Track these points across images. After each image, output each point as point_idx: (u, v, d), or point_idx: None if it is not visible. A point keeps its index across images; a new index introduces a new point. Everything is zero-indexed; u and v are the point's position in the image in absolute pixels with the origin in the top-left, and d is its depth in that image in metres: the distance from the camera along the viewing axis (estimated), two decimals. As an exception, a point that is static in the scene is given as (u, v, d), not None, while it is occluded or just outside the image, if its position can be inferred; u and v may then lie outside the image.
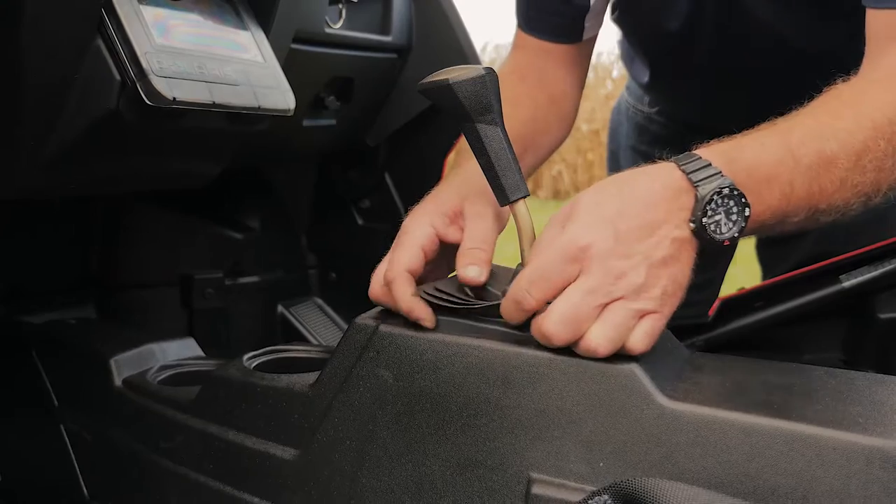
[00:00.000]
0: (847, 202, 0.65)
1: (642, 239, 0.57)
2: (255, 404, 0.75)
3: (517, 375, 0.59)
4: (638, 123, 1.30)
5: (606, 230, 0.57)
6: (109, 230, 1.34)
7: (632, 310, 0.57)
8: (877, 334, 0.95)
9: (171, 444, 0.82)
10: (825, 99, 0.68)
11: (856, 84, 0.69)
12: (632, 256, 0.57)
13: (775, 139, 0.63)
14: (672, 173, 0.60)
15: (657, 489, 0.49)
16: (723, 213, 0.58)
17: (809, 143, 0.63)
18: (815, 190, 0.62)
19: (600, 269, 0.57)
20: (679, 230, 0.58)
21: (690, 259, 0.59)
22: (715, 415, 0.54)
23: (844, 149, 0.63)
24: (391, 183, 1.49)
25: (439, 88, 0.64)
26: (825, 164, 0.62)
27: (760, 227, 0.63)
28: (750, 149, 0.62)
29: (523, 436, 0.59)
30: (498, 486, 0.60)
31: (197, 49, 0.90)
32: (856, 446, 0.50)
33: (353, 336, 0.68)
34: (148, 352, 0.97)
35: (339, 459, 0.68)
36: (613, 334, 0.57)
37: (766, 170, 0.61)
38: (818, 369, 0.65)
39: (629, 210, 0.58)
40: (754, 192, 0.60)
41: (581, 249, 0.57)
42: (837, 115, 0.65)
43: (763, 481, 0.52)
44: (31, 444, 1.05)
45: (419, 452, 0.64)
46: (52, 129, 0.84)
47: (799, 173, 0.62)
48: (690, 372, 0.62)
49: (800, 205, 0.62)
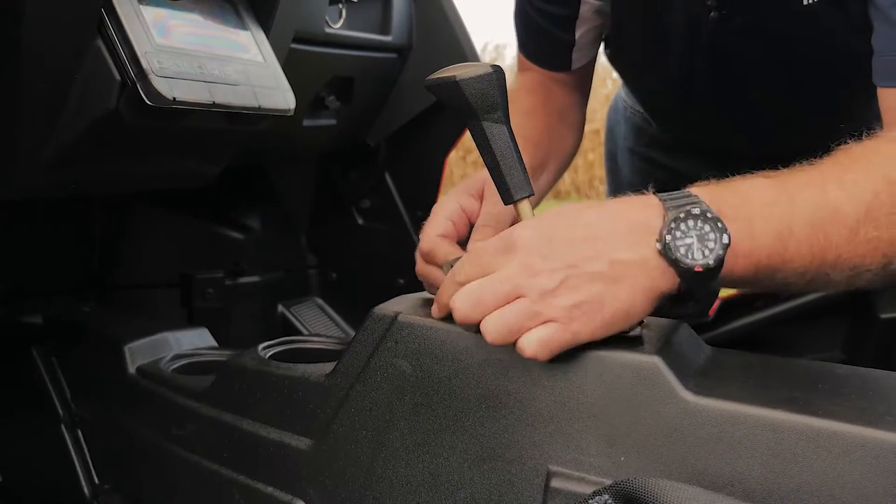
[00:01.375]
0: (862, 258, 0.59)
1: (577, 248, 0.56)
2: (270, 393, 0.74)
3: (537, 368, 0.59)
4: (635, 124, 1.30)
5: (546, 231, 0.57)
6: (110, 230, 1.34)
7: (530, 310, 0.56)
8: (877, 333, 0.95)
9: (184, 433, 0.82)
10: (834, 154, 0.63)
11: (869, 142, 0.65)
12: (554, 259, 0.56)
13: (770, 181, 0.60)
14: (648, 198, 0.58)
15: (657, 489, 0.49)
16: (695, 236, 0.55)
17: (809, 189, 0.59)
18: (818, 237, 0.57)
19: (518, 263, 0.57)
20: (630, 252, 0.55)
21: (641, 286, 0.56)
22: (739, 410, 0.53)
23: (851, 198, 0.58)
24: (391, 183, 1.49)
25: (446, 85, 0.64)
26: (829, 211, 0.58)
27: (758, 270, 0.58)
28: (739, 187, 0.59)
29: (543, 429, 0.59)
30: (516, 479, 0.60)
31: (197, 49, 0.90)
32: (884, 444, 0.49)
33: (371, 325, 0.67)
34: (162, 340, 0.98)
35: (354, 450, 0.67)
36: (502, 327, 0.56)
37: (759, 207, 0.58)
38: (841, 367, 0.64)
39: (582, 220, 0.57)
40: (744, 227, 0.57)
41: (513, 241, 0.58)
42: (845, 168, 0.61)
43: (788, 478, 0.51)
44: (31, 443, 1.05)
45: (436, 444, 0.63)
46: (53, 129, 0.84)
47: (798, 216, 0.57)
48: (713, 367, 0.62)
49: (802, 251, 0.58)
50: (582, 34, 1.00)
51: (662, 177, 1.24)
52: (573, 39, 1.00)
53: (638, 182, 1.28)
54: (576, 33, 1.00)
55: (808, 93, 0.96)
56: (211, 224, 1.40)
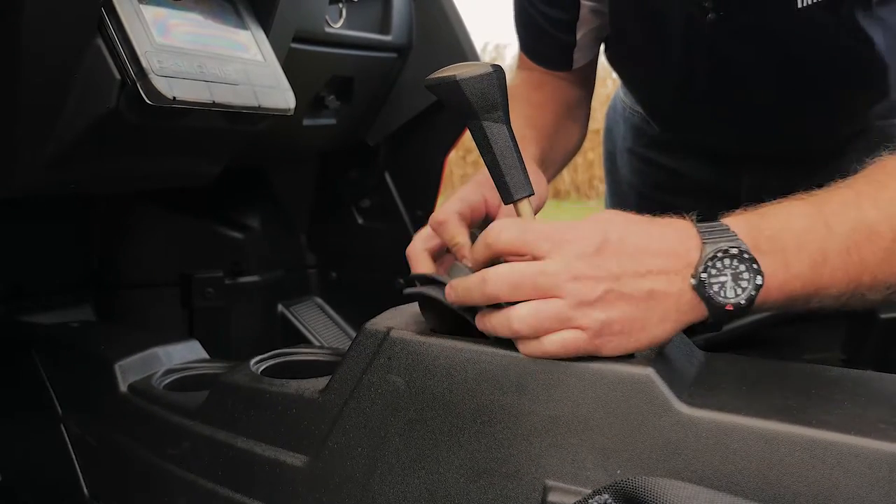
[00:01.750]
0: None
1: (623, 264, 0.56)
2: (264, 411, 0.74)
3: (532, 381, 0.59)
4: (634, 125, 1.29)
5: (597, 239, 0.57)
6: (110, 229, 1.34)
7: (564, 314, 0.56)
8: (877, 333, 0.95)
9: (178, 451, 0.81)
10: (868, 170, 0.63)
11: None
12: (600, 269, 0.56)
13: (806, 208, 0.59)
14: (688, 228, 0.58)
15: (658, 488, 0.49)
16: (730, 275, 0.55)
17: (845, 211, 0.58)
18: (854, 261, 0.57)
19: (564, 261, 0.56)
20: (668, 284, 0.56)
21: (672, 318, 0.57)
22: (734, 421, 0.53)
23: (888, 218, 0.58)
24: (391, 182, 1.49)
25: (446, 85, 0.63)
26: (865, 233, 0.58)
27: (791, 299, 0.58)
28: (776, 216, 0.59)
29: (538, 443, 0.59)
30: (513, 493, 0.59)
31: (197, 48, 0.90)
32: (878, 453, 0.49)
33: (363, 342, 0.67)
34: (153, 356, 0.96)
35: (350, 467, 0.67)
36: (534, 322, 0.57)
37: (794, 236, 0.57)
38: (833, 370, 0.64)
39: (630, 237, 0.57)
40: (779, 259, 0.57)
41: (563, 239, 0.57)
42: (881, 185, 0.60)
43: (783, 489, 0.51)
44: (31, 444, 1.04)
45: (432, 460, 0.63)
46: (52, 128, 0.84)
47: (833, 242, 0.57)
48: (707, 375, 0.62)
49: (837, 276, 0.58)
50: (583, 35, 1.01)
51: (661, 177, 1.24)
52: (574, 40, 1.01)
53: (637, 182, 1.28)
54: (577, 35, 1.00)
55: (807, 94, 0.96)
56: (211, 223, 1.40)
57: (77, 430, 0.97)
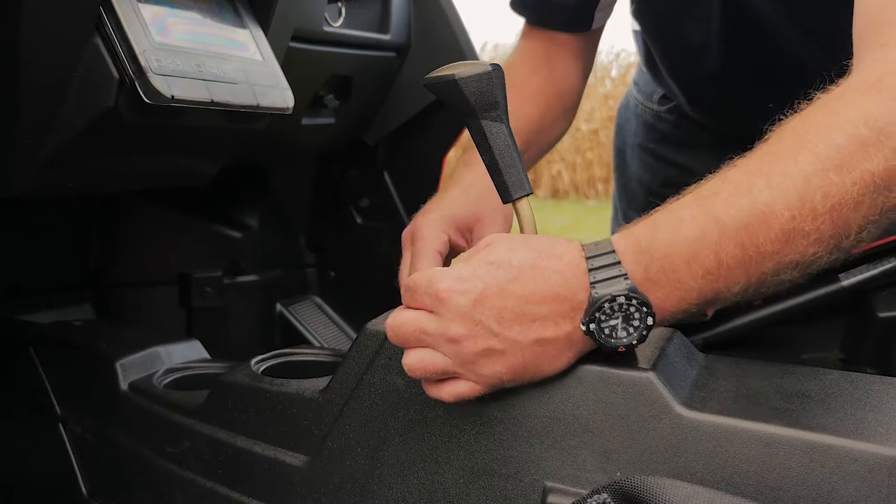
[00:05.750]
0: (803, 256, 0.55)
1: (504, 320, 0.56)
2: (264, 410, 0.74)
3: (532, 383, 0.59)
4: (646, 121, 1.30)
5: (476, 291, 0.56)
6: (108, 228, 1.34)
7: (448, 369, 0.58)
8: (876, 333, 0.95)
9: (178, 450, 0.82)
10: (767, 140, 0.59)
11: (807, 110, 0.59)
12: (478, 329, 0.56)
13: (696, 209, 0.56)
14: (575, 263, 0.57)
15: (657, 487, 0.49)
16: (620, 318, 0.55)
17: (736, 201, 0.55)
18: (750, 255, 0.55)
19: (440, 324, 0.57)
20: (555, 330, 0.56)
21: (565, 354, 0.57)
22: (733, 425, 0.53)
23: (784, 194, 0.54)
24: (390, 181, 1.49)
25: (445, 84, 0.64)
26: (759, 219, 0.54)
27: (690, 308, 0.57)
28: (666, 230, 0.56)
29: (538, 444, 0.59)
30: (513, 494, 0.59)
31: (195, 47, 0.90)
32: (877, 457, 0.49)
33: (364, 342, 0.67)
34: (154, 355, 0.96)
35: (349, 467, 0.67)
36: (420, 373, 0.59)
37: (685, 250, 0.55)
38: (832, 373, 0.64)
39: (513, 287, 0.56)
40: (671, 280, 0.55)
41: (439, 297, 0.57)
42: (774, 158, 0.56)
43: (783, 492, 0.51)
44: (29, 443, 1.04)
45: (431, 460, 0.63)
46: (51, 127, 0.84)
47: (727, 243, 0.55)
48: (706, 378, 0.62)
49: (735, 275, 0.55)
50: None
51: (671, 173, 1.24)
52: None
53: (646, 179, 1.29)
54: None
55: (838, 57, 0.93)
56: (209, 223, 1.40)
57: (76, 429, 0.97)
